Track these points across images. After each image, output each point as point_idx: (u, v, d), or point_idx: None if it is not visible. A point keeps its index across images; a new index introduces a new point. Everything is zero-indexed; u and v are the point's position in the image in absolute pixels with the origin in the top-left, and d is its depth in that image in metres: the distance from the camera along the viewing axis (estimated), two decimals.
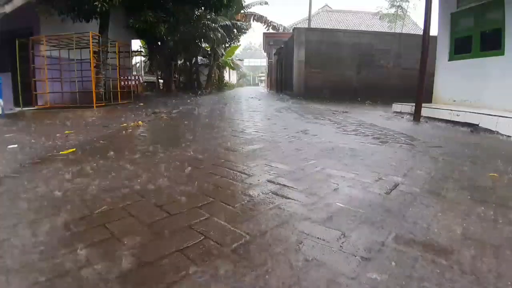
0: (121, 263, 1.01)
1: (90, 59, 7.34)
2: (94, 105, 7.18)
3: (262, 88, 35.00)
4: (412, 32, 19.00)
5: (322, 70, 11.30)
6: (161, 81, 16.95)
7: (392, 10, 21.62)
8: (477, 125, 4.13)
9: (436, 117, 5.06)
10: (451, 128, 4.45)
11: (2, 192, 1.68)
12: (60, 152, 2.62)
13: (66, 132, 3.67)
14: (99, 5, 6.63)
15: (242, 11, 19.02)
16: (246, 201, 1.55)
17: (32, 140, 3.17)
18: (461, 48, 6.02)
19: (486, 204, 1.53)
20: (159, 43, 12.05)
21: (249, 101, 10.87)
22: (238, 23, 17.87)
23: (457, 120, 4.56)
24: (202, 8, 10.71)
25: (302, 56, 11.39)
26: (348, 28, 18.45)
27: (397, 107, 6.46)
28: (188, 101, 9.99)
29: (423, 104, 5.30)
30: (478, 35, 5.58)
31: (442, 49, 6.40)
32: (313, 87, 11.29)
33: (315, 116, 5.77)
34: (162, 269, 0.98)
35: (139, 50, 17.21)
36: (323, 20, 23.42)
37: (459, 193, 1.69)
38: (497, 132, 3.80)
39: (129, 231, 1.23)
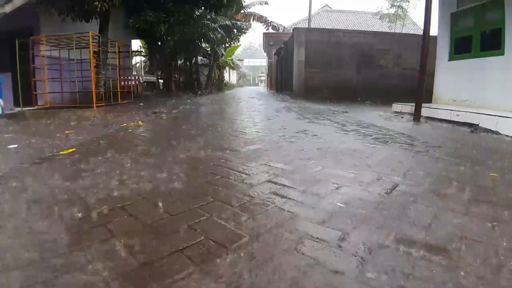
0: (121, 263, 1.01)
1: (90, 59, 7.34)
2: (94, 105, 7.18)
3: (262, 88, 34.99)
4: (412, 32, 18.96)
5: (322, 70, 11.30)
6: (161, 81, 16.93)
7: (392, 10, 21.57)
8: (477, 125, 4.13)
9: (436, 117, 5.06)
10: (451, 128, 4.45)
11: (2, 192, 1.68)
12: (60, 152, 2.62)
13: (66, 132, 3.67)
14: (99, 5, 6.63)
15: (242, 11, 18.98)
16: (246, 201, 1.55)
17: (32, 140, 3.17)
18: (461, 48, 6.02)
19: (486, 204, 1.53)
20: (159, 43, 12.04)
21: (249, 101, 10.87)
22: (238, 23, 17.84)
23: (457, 120, 4.56)
24: (202, 8, 10.71)
25: (302, 56, 11.38)
26: (348, 28, 18.43)
27: (397, 107, 6.47)
28: (188, 101, 9.99)
29: (423, 104, 5.30)
30: (478, 35, 5.58)
31: (442, 49, 6.41)
32: (313, 87, 11.28)
33: (315, 116, 5.77)
34: (162, 269, 0.98)
35: (139, 50, 17.21)
36: (323, 20, 23.40)
37: (459, 193, 1.69)
38: (497, 132, 3.80)
39: (129, 231, 1.23)
